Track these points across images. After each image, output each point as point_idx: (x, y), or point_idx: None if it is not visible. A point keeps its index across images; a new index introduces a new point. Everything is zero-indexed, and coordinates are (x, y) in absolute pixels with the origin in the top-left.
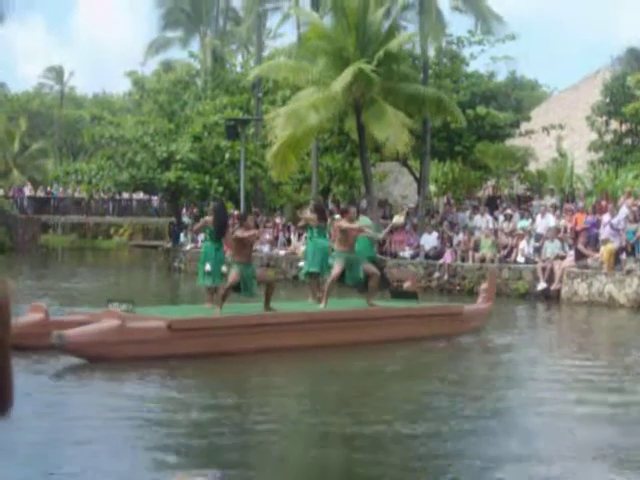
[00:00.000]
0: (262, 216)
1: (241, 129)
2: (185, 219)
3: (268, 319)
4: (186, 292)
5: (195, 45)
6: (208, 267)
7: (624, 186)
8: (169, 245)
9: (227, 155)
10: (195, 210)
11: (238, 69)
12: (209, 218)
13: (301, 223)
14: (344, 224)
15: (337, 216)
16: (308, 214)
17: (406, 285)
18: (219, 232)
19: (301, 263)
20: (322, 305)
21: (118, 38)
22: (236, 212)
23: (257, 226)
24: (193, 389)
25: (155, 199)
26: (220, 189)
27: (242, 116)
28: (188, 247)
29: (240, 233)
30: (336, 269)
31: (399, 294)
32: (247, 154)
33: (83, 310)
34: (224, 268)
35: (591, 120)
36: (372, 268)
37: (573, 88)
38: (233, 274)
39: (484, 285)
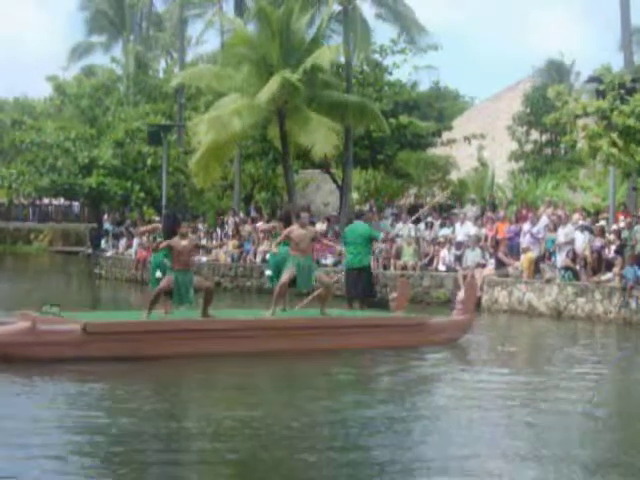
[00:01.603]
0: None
1: (163, 135)
2: (106, 225)
3: (194, 325)
4: (107, 298)
5: (118, 50)
6: (159, 274)
7: (544, 195)
8: (90, 251)
9: (149, 161)
10: (117, 216)
11: (160, 75)
12: (159, 225)
13: (263, 227)
14: (293, 231)
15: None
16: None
17: (392, 296)
18: (168, 239)
19: (267, 272)
20: (269, 313)
21: (40, 42)
22: (157, 218)
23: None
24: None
25: (76, 205)
26: (142, 195)
27: (165, 122)
28: (109, 253)
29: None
30: (285, 275)
31: (373, 304)
32: (169, 160)
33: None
34: (158, 274)
35: (512, 130)
36: (325, 277)
37: (494, 98)
38: (165, 280)
39: (460, 296)
